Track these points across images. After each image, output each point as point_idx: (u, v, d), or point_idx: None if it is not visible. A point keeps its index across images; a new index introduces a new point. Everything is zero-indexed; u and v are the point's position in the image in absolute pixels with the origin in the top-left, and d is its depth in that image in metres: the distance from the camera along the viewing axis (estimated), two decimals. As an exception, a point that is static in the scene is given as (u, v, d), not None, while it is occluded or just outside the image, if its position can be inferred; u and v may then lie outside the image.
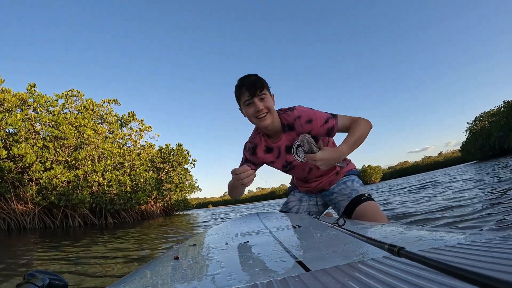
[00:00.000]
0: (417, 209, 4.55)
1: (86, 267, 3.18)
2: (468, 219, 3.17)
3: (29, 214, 14.39)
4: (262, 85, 1.82)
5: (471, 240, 0.61)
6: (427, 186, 9.86)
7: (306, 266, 0.60)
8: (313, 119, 1.91)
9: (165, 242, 5.01)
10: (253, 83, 1.81)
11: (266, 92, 1.85)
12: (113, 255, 3.93)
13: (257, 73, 1.93)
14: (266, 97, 1.84)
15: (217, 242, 1.12)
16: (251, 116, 1.88)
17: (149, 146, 24.65)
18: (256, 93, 1.80)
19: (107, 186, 16.55)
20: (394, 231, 0.87)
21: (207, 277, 0.63)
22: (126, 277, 0.82)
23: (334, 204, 2.26)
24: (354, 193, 2.13)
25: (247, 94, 1.82)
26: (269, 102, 1.85)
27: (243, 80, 1.86)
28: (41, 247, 5.60)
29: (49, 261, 3.82)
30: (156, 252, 3.94)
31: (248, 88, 1.81)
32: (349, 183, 2.22)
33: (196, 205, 61.69)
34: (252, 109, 1.84)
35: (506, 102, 39.47)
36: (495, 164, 15.62)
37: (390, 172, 78.19)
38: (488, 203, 3.82)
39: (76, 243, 6.08)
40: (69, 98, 19.02)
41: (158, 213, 23.13)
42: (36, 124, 15.55)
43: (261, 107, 1.81)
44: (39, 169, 14.03)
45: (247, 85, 1.82)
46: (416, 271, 0.45)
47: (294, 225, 1.25)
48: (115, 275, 2.72)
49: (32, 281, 0.60)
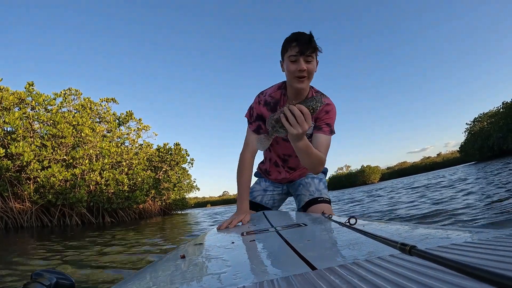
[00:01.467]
0: (420, 208, 4.57)
1: (90, 266, 3.19)
2: (472, 217, 3.19)
3: (26, 212, 14.36)
4: (314, 47, 1.76)
5: (477, 238, 0.61)
6: (429, 186, 9.90)
7: (312, 265, 0.60)
8: (330, 114, 1.97)
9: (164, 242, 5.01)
10: (307, 42, 1.73)
11: (314, 56, 1.79)
12: (116, 254, 3.93)
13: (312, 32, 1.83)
14: (313, 60, 1.79)
15: (223, 241, 1.12)
16: (291, 72, 1.80)
17: (147, 145, 24.62)
18: (306, 51, 1.73)
19: (105, 185, 16.53)
20: (400, 229, 0.87)
21: (213, 276, 0.63)
22: (133, 276, 0.82)
23: (297, 195, 2.34)
24: (317, 194, 2.23)
25: (296, 49, 1.74)
26: (313, 66, 1.80)
27: (297, 35, 1.78)
28: (41, 246, 5.59)
29: (50, 260, 3.82)
30: (159, 252, 3.94)
31: (300, 44, 1.73)
32: (316, 181, 2.31)
33: (195, 205, 61.70)
34: (295, 66, 1.77)
35: (505, 103, 39.50)
36: (495, 165, 15.67)
37: (389, 172, 78.15)
38: (492, 201, 3.83)
39: (76, 242, 6.08)
40: (67, 97, 18.98)
41: (156, 213, 23.10)
42: (34, 122, 15.53)
43: (304, 67, 1.75)
44: (36, 168, 14.01)
45: (300, 40, 1.74)
46: (424, 269, 0.45)
47: (300, 223, 1.25)
48: (121, 274, 2.73)
49: (39, 280, 0.60)
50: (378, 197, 9.52)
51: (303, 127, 1.44)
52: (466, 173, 13.82)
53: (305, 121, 1.44)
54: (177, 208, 27.21)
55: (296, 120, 1.43)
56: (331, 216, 1.26)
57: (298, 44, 1.73)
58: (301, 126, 1.44)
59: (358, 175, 70.31)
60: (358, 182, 67.03)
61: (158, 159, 23.15)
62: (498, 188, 5.42)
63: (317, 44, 1.78)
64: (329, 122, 1.95)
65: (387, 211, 5.20)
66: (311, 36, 1.76)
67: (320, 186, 2.29)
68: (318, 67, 1.87)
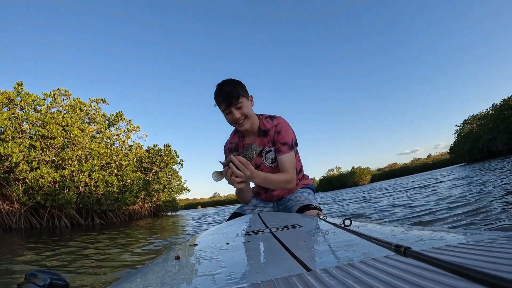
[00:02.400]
0: (415, 209, 4.60)
1: (82, 267, 3.17)
2: (467, 218, 3.22)
3: (15, 214, 14.18)
4: (237, 95, 1.92)
5: (472, 240, 0.61)
6: (422, 186, 9.99)
7: (307, 266, 0.60)
8: (282, 134, 2.10)
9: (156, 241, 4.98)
10: (229, 95, 1.91)
11: (243, 100, 1.96)
12: (109, 255, 3.91)
13: (233, 78, 2.05)
14: (243, 104, 1.95)
15: (218, 242, 1.12)
16: (230, 122, 2.03)
17: (136, 147, 24.48)
18: (232, 104, 1.92)
19: (94, 187, 16.40)
20: (395, 231, 0.87)
21: (208, 277, 0.63)
22: (127, 276, 0.82)
23: (288, 209, 2.38)
24: (307, 202, 2.28)
25: (224, 104, 1.93)
26: (245, 108, 1.98)
27: (220, 91, 1.96)
28: (31, 248, 5.52)
29: (40, 262, 3.78)
30: (152, 253, 3.92)
31: (225, 100, 1.92)
32: (306, 194, 2.37)
33: (185, 206, 61.39)
34: (231, 117, 1.98)
35: (494, 105, 39.98)
36: (486, 166, 15.86)
37: (379, 173, 78.65)
38: (486, 203, 3.87)
39: (65, 243, 6.02)
40: (57, 97, 18.79)
41: (146, 214, 23.00)
42: (23, 123, 15.34)
43: (238, 115, 1.95)
44: (25, 169, 13.85)
45: (223, 96, 1.92)
46: (419, 271, 0.46)
47: (295, 224, 1.25)
48: (114, 275, 2.72)
49: (33, 280, 0.59)
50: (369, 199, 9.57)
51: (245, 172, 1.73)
52: (458, 174, 13.97)
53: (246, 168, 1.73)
54: (167, 210, 27.11)
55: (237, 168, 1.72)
56: (325, 217, 1.27)
57: (224, 100, 1.93)
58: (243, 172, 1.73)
59: (349, 176, 70.59)
60: (348, 183, 67.28)
61: (148, 160, 23.03)
62: (493, 188, 5.50)
63: (239, 90, 1.95)
64: (285, 141, 2.08)
65: (381, 212, 5.24)
66: (232, 86, 1.94)
67: (309, 197, 2.34)
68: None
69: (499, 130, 36.43)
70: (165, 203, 26.28)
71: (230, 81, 2.00)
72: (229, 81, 2.00)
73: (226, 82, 1.99)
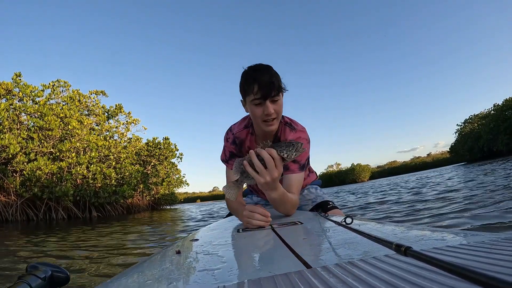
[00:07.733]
0: (416, 208, 4.61)
1: (82, 260, 3.18)
2: (467, 218, 3.23)
3: (11, 206, 14.15)
4: (279, 87, 1.55)
5: (473, 241, 0.61)
6: (423, 185, 9.99)
7: (307, 263, 0.60)
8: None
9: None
10: (270, 84, 1.51)
11: (281, 95, 1.59)
12: (108, 248, 3.91)
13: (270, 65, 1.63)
14: (279, 100, 1.58)
15: (218, 237, 1.13)
16: (257, 117, 1.60)
17: (136, 139, 24.44)
18: (270, 95, 1.52)
19: (92, 179, 16.38)
20: (396, 230, 0.87)
21: (208, 272, 0.63)
22: (127, 270, 0.82)
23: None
24: (319, 199, 2.10)
25: (259, 93, 1.52)
26: (280, 106, 1.61)
27: (257, 75, 1.53)
28: (29, 241, 5.52)
29: (38, 254, 3.79)
30: (152, 246, 3.92)
31: (262, 88, 1.51)
32: (313, 190, 2.20)
33: (184, 200, 61.41)
34: (261, 110, 1.57)
35: (496, 105, 39.97)
36: (484, 166, 15.88)
37: (379, 171, 78.82)
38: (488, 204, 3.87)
39: (64, 236, 6.01)
40: (56, 88, 18.72)
41: (144, 207, 23.00)
42: (21, 114, 15.28)
43: (272, 110, 1.55)
44: (23, 160, 13.81)
45: (262, 84, 1.51)
46: (419, 270, 0.46)
47: (296, 221, 1.26)
48: (116, 268, 2.72)
49: (34, 273, 0.60)
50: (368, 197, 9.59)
51: (272, 174, 1.26)
52: (459, 173, 13.98)
53: (276, 167, 1.26)
54: (166, 203, 27.12)
55: (265, 166, 1.26)
56: (327, 215, 1.26)
57: (261, 88, 1.51)
58: (269, 174, 1.26)
59: (348, 173, 70.73)
60: (348, 180, 67.48)
61: (147, 153, 23.02)
62: (495, 188, 5.51)
63: (281, 82, 1.59)
64: (297, 159, 1.70)
65: (380, 211, 5.25)
66: (272, 74, 1.55)
67: (318, 192, 2.17)
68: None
69: (500, 130, 36.48)
70: (163, 197, 26.29)
71: (269, 68, 1.58)
72: (268, 68, 1.58)
73: (264, 69, 1.57)
